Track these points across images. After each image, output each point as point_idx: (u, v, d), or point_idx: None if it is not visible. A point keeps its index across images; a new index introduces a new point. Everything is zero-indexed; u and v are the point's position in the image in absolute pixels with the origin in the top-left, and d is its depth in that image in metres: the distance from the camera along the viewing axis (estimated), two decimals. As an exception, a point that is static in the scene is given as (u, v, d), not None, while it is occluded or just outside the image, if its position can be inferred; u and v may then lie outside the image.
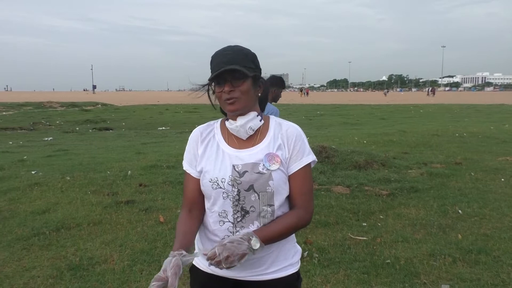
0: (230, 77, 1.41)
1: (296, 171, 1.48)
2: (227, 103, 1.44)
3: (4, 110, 28.31)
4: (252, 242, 1.34)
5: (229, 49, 1.46)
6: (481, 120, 17.59)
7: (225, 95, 1.43)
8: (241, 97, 1.43)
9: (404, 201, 5.24)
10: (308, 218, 1.49)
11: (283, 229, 1.44)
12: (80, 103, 35.83)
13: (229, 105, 1.43)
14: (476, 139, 10.95)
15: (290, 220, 1.46)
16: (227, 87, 1.42)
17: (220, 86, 1.43)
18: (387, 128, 14.53)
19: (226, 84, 1.42)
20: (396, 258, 3.57)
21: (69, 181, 6.12)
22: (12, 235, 4.10)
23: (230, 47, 1.47)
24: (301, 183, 1.48)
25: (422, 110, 27.05)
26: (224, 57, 1.43)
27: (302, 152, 1.49)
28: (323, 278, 3.24)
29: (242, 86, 1.43)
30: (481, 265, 3.44)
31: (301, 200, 1.48)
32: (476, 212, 4.81)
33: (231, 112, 1.46)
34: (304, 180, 1.48)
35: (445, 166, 7.35)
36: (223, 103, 1.45)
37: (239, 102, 1.43)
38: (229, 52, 1.44)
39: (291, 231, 1.48)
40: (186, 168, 1.56)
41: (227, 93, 1.42)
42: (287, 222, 1.46)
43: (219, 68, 1.41)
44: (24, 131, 16.24)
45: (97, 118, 21.90)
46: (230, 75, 1.41)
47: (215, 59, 1.45)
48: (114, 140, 12.17)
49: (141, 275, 3.29)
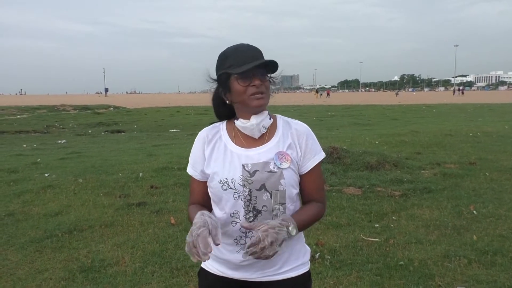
0: (258, 72, 1.41)
1: (311, 168, 1.49)
2: (256, 98, 1.42)
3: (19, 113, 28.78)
4: (291, 228, 1.34)
5: (248, 45, 1.45)
6: (495, 120, 17.30)
7: (253, 89, 1.41)
8: (267, 93, 1.44)
9: (417, 202, 5.17)
10: (324, 211, 1.55)
11: (310, 220, 1.47)
12: (93, 106, 36.23)
13: (257, 100, 1.42)
14: (491, 139, 10.75)
15: (316, 211, 1.49)
16: (258, 80, 1.40)
17: (246, 80, 1.41)
18: (399, 128, 14.37)
19: (256, 78, 1.40)
20: (410, 259, 3.52)
21: (81, 183, 6.17)
22: (25, 237, 4.14)
23: (246, 44, 1.46)
24: (317, 179, 1.52)
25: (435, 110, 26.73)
26: (249, 52, 1.42)
27: (315, 149, 1.51)
28: (335, 280, 3.20)
29: (267, 82, 1.44)
30: (497, 266, 3.36)
31: (319, 195, 1.52)
32: (491, 212, 4.71)
33: (257, 108, 1.44)
34: (319, 176, 1.52)
35: (458, 166, 7.23)
36: (249, 98, 1.42)
37: (266, 98, 1.44)
38: (251, 48, 1.44)
39: (314, 222, 1.51)
40: (189, 171, 1.57)
41: (258, 86, 1.41)
42: (313, 213, 1.48)
43: (246, 62, 1.39)
44: (38, 134, 16.48)
45: (109, 121, 22.11)
46: (258, 70, 1.40)
47: (236, 54, 1.43)
48: (126, 143, 12.26)
49: (152, 277, 3.29)
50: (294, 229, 1.35)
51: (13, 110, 30.38)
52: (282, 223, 1.33)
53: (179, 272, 3.36)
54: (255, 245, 1.27)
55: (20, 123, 21.55)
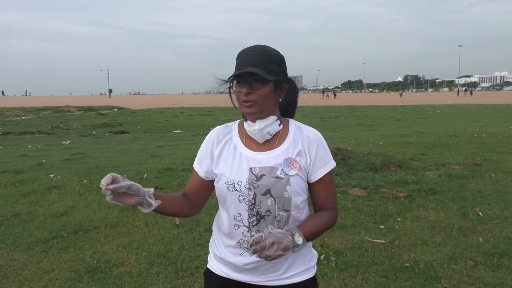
0: (250, 79, 1.39)
1: (322, 176, 1.48)
2: (244, 105, 1.41)
3: (24, 114, 28.92)
4: (296, 237, 1.33)
5: (256, 48, 1.43)
6: (500, 120, 17.22)
7: (242, 97, 1.41)
8: (259, 101, 1.40)
9: (422, 203, 5.15)
10: (336, 219, 1.53)
11: (319, 229, 1.46)
12: (97, 107, 36.36)
13: (245, 108, 1.41)
14: (496, 140, 10.70)
15: (325, 220, 1.48)
16: (245, 89, 1.39)
17: (239, 86, 1.41)
18: (403, 129, 14.34)
19: (245, 86, 1.39)
20: (416, 261, 3.50)
21: (86, 184, 6.19)
22: (31, 238, 4.16)
23: (257, 46, 1.44)
24: (327, 188, 1.50)
25: (439, 110, 26.64)
26: (247, 57, 1.40)
27: (326, 158, 1.49)
28: (340, 281, 3.19)
29: (261, 90, 1.39)
30: (504, 269, 3.34)
31: (330, 203, 1.51)
32: (497, 214, 4.69)
33: (247, 115, 1.44)
34: (330, 184, 1.50)
35: (464, 167, 7.20)
36: (240, 104, 1.43)
37: (255, 106, 1.40)
38: (253, 53, 1.41)
39: (324, 231, 1.50)
40: (195, 166, 1.58)
41: (245, 95, 1.40)
42: (323, 222, 1.47)
43: (240, 68, 1.39)
44: (42, 135, 16.55)
45: (113, 122, 22.17)
46: (251, 77, 1.38)
47: (240, 57, 1.43)
48: (130, 143, 12.29)
49: (157, 278, 3.30)
50: (300, 238, 1.33)
51: (18, 111, 30.54)
52: (286, 231, 1.33)
53: (184, 273, 3.36)
54: (257, 243, 1.27)
55: (25, 124, 21.66)
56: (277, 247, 1.27)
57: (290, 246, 1.31)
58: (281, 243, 1.28)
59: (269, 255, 1.27)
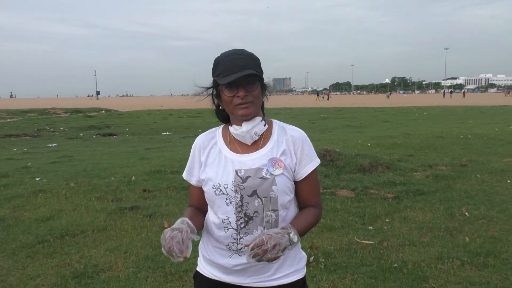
0: (244, 82, 1.40)
1: (308, 174, 1.50)
2: (240, 108, 1.42)
3: (9, 117, 28.48)
4: (291, 235, 1.34)
5: (239, 52, 1.45)
6: (486, 122, 17.49)
7: (238, 100, 1.41)
8: (254, 102, 1.43)
9: (410, 204, 5.19)
10: (321, 216, 1.56)
11: (308, 226, 1.48)
12: (84, 109, 35.99)
13: (242, 110, 1.42)
14: (481, 141, 10.87)
15: (313, 216, 1.51)
16: (242, 91, 1.40)
17: (232, 90, 1.41)
18: (391, 130, 14.47)
19: (241, 89, 1.40)
20: (404, 262, 3.53)
21: (73, 187, 6.11)
22: (16, 243, 4.09)
23: (239, 50, 1.46)
24: (313, 185, 1.52)
25: (426, 112, 26.96)
26: (240, 61, 1.41)
27: (311, 155, 1.51)
28: (330, 283, 3.20)
29: (255, 91, 1.43)
30: (490, 268, 3.39)
31: (315, 201, 1.54)
32: (483, 214, 4.75)
33: (243, 117, 1.44)
34: (315, 182, 1.53)
35: (450, 168, 7.29)
36: (234, 107, 1.43)
37: (252, 107, 1.43)
38: (241, 56, 1.43)
39: (312, 227, 1.52)
40: (184, 176, 1.58)
41: (242, 97, 1.41)
42: (311, 218, 1.49)
43: (232, 72, 1.39)
44: (28, 138, 16.30)
45: (101, 124, 21.97)
46: (244, 79, 1.40)
47: (223, 62, 1.43)
48: (118, 146, 12.19)
49: (146, 282, 3.27)
50: (295, 236, 1.35)
51: (3, 114, 30.04)
52: (283, 231, 1.33)
53: (173, 277, 3.33)
54: (258, 247, 1.27)
55: (10, 126, 21.31)
56: (278, 249, 1.28)
57: (288, 246, 1.32)
58: (281, 244, 1.29)
59: (270, 257, 1.28)
